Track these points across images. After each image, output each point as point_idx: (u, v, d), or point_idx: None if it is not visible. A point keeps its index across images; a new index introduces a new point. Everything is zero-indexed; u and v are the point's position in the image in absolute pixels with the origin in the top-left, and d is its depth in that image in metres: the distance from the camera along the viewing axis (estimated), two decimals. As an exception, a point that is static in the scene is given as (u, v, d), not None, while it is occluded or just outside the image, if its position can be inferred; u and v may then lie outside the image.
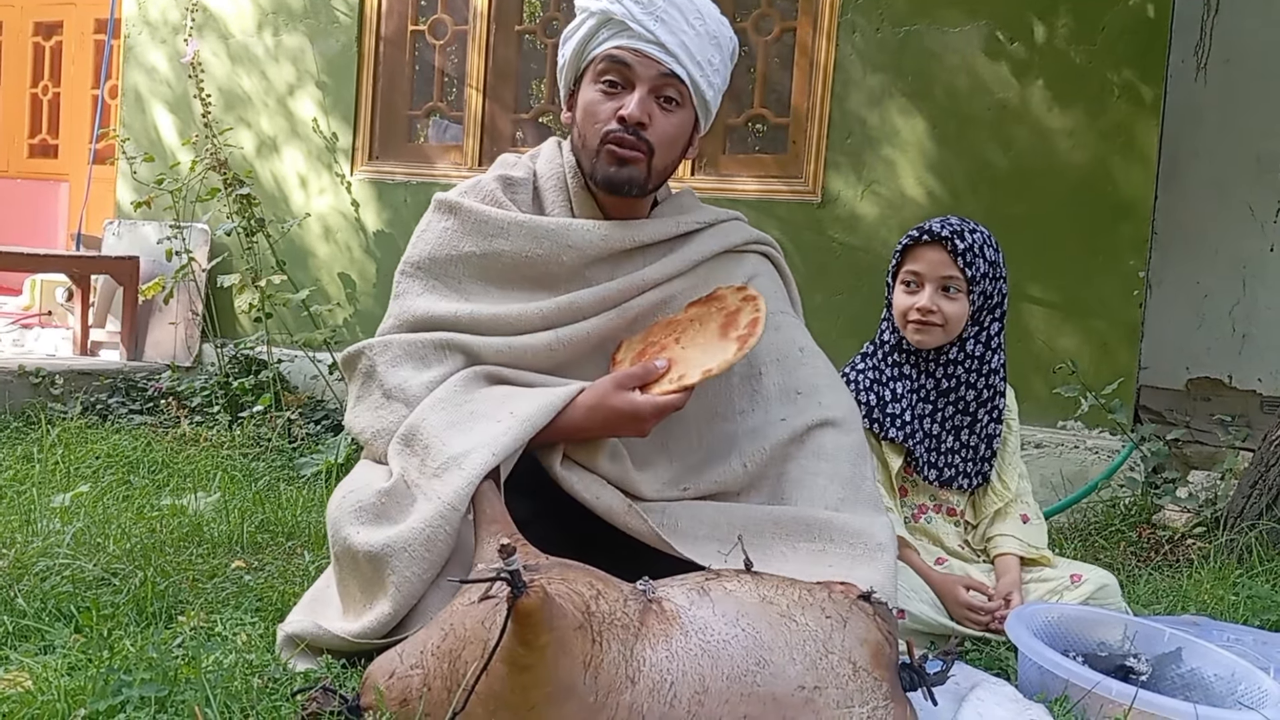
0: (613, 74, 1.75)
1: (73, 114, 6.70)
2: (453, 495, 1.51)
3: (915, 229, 2.14)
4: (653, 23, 1.72)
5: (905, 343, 2.16)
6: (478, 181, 1.87)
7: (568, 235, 1.78)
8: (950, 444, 2.17)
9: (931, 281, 2.10)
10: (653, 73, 1.74)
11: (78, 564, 1.96)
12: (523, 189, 1.86)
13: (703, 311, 1.73)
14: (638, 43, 1.73)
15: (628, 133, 1.73)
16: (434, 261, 1.81)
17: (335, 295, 4.70)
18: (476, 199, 1.83)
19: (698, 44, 1.75)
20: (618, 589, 1.30)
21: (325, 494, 2.89)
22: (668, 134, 1.76)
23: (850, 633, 1.29)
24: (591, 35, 1.77)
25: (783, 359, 1.81)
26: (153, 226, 4.88)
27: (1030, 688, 1.67)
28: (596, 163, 1.76)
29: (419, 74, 4.80)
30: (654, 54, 1.73)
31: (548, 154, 1.90)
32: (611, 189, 1.77)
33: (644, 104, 1.73)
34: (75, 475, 2.90)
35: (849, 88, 3.90)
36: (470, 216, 1.80)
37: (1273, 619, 2.28)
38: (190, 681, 1.37)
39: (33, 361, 4.28)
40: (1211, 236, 4.00)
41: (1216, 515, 3.01)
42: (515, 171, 1.88)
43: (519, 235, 1.78)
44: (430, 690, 1.27)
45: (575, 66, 1.81)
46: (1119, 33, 3.56)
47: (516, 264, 1.78)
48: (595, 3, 1.76)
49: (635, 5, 1.73)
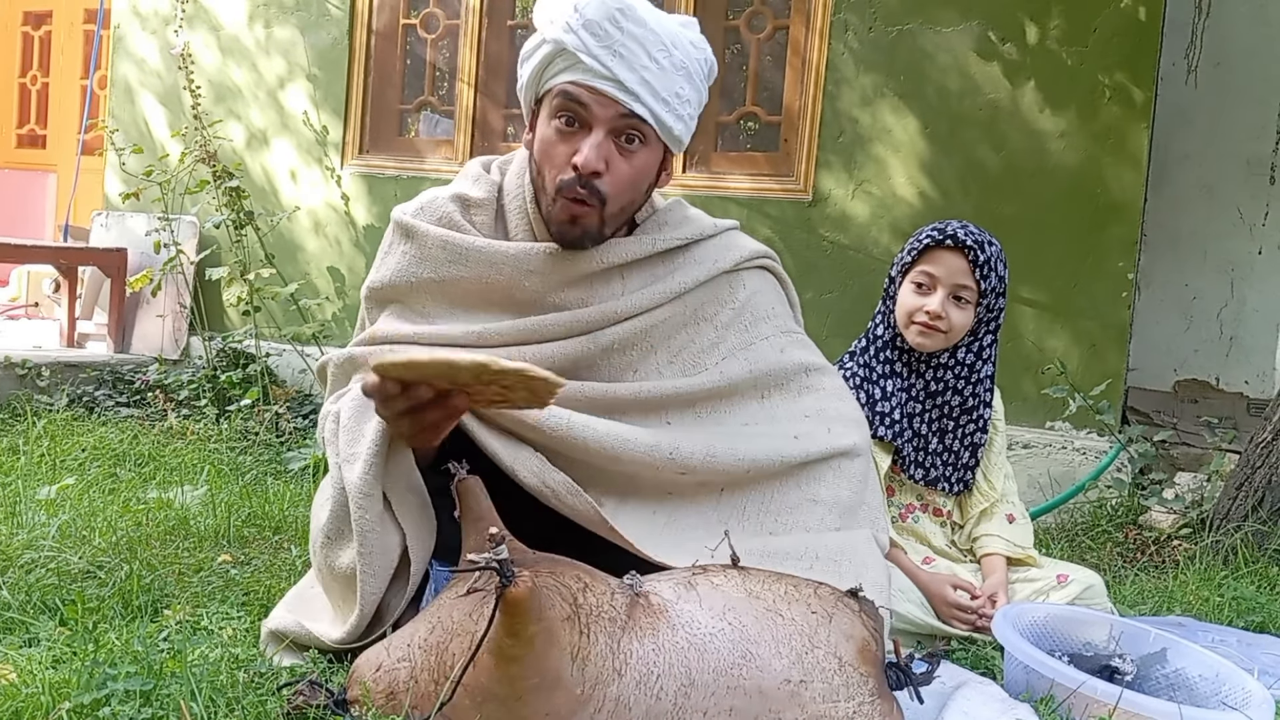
0: (569, 111, 1.61)
1: (61, 104, 6.66)
2: (355, 489, 1.52)
3: (935, 230, 2.09)
4: (610, 58, 1.58)
5: (900, 340, 2.15)
6: (434, 198, 1.75)
7: (529, 261, 1.66)
8: (935, 446, 2.17)
9: (945, 287, 2.07)
10: (610, 113, 1.60)
11: (63, 557, 1.95)
12: (483, 210, 1.74)
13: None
14: (594, 80, 1.58)
15: (580, 185, 1.60)
16: (394, 288, 1.73)
17: (324, 289, 4.69)
18: (431, 220, 1.72)
19: (662, 79, 1.61)
20: (605, 582, 1.30)
21: (312, 489, 2.88)
22: (626, 178, 1.63)
23: (836, 628, 1.29)
24: (547, 64, 1.64)
25: (788, 382, 1.74)
26: (141, 218, 4.86)
27: (1016, 687, 1.68)
28: (552, 210, 1.65)
29: (410, 68, 4.79)
30: (611, 92, 1.58)
31: (518, 168, 1.77)
32: (565, 243, 1.65)
33: (600, 149, 1.59)
34: (61, 468, 2.89)
35: (841, 86, 3.91)
36: (426, 241, 1.70)
37: (1257, 620, 2.29)
38: (175, 675, 1.37)
39: (19, 353, 4.25)
40: (1200, 239, 4.02)
41: (1203, 517, 3.02)
42: (475, 191, 1.75)
43: (477, 262, 1.67)
44: (417, 683, 1.27)
45: (533, 92, 1.69)
46: (1110, 35, 3.57)
47: (478, 289, 1.69)
48: (549, 30, 1.62)
49: (591, 38, 1.58)
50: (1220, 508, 2.97)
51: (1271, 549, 2.77)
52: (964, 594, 2.02)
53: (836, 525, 1.63)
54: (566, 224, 1.63)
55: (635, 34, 1.60)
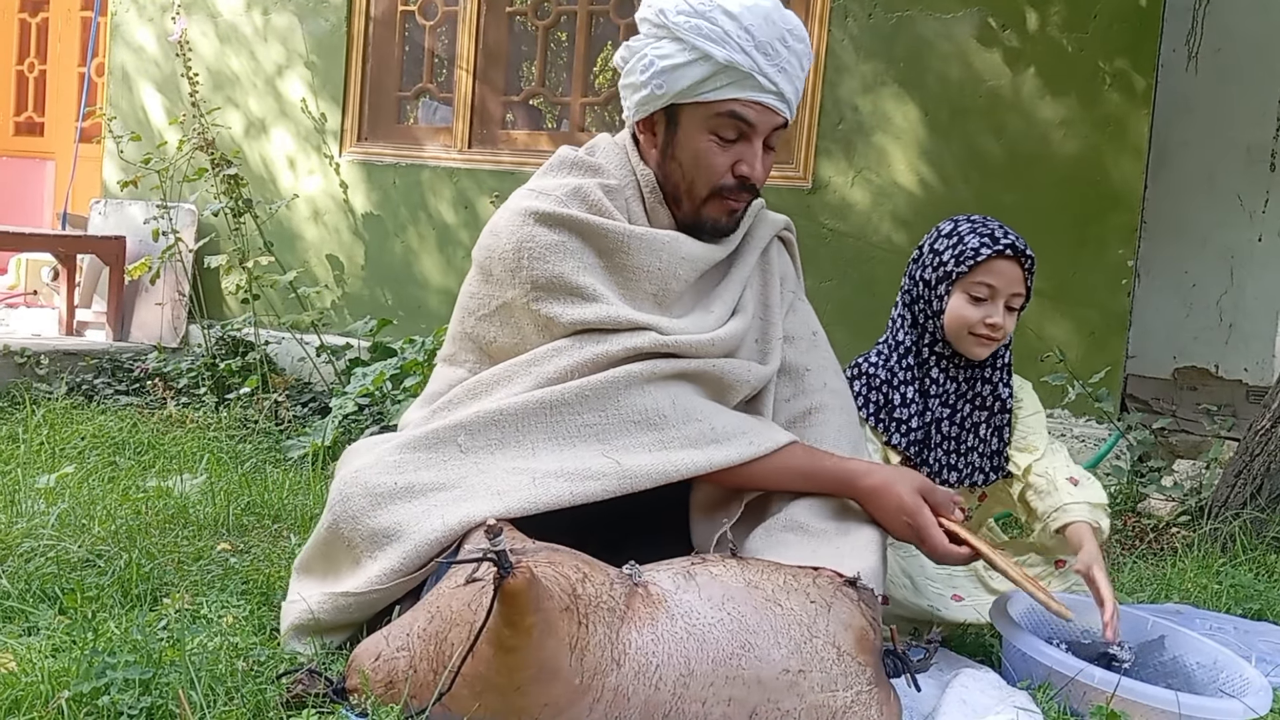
0: (732, 128, 1.72)
1: (59, 92, 6.63)
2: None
3: (988, 238, 2.01)
4: (777, 74, 1.69)
5: (934, 348, 2.08)
6: (578, 188, 1.73)
7: (679, 247, 1.74)
8: (970, 442, 2.13)
9: (1004, 296, 2.03)
10: (770, 124, 1.74)
11: (62, 545, 1.95)
12: (618, 197, 1.76)
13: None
14: (760, 95, 1.70)
15: (743, 189, 1.75)
16: (562, 278, 1.66)
17: (323, 277, 4.68)
18: (583, 209, 1.70)
19: (803, 80, 1.76)
20: (604, 573, 1.30)
21: (312, 476, 2.89)
22: (767, 172, 1.80)
23: (835, 617, 1.29)
24: (706, 78, 1.68)
25: (797, 339, 1.87)
26: (139, 206, 4.85)
27: (1014, 675, 1.68)
28: (703, 209, 1.76)
29: (409, 55, 4.77)
30: (774, 105, 1.71)
31: (616, 160, 1.80)
32: (718, 234, 1.79)
33: (766, 162, 1.76)
34: (60, 456, 2.89)
35: (841, 74, 3.89)
36: (585, 229, 1.68)
37: (1255, 608, 2.29)
38: (175, 664, 1.37)
39: (18, 341, 4.25)
40: (1200, 226, 4.01)
41: (1201, 504, 3.02)
42: (610, 179, 1.77)
43: (639, 249, 1.70)
44: (416, 672, 1.27)
45: (672, 98, 1.71)
46: (1111, 21, 3.56)
47: (639, 279, 1.71)
48: (717, 50, 1.66)
49: (763, 58, 1.68)
50: (1219, 495, 2.97)
51: (1270, 536, 2.77)
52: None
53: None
54: (724, 218, 1.77)
55: (797, 50, 1.73)
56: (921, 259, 2.10)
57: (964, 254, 2.02)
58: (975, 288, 2.03)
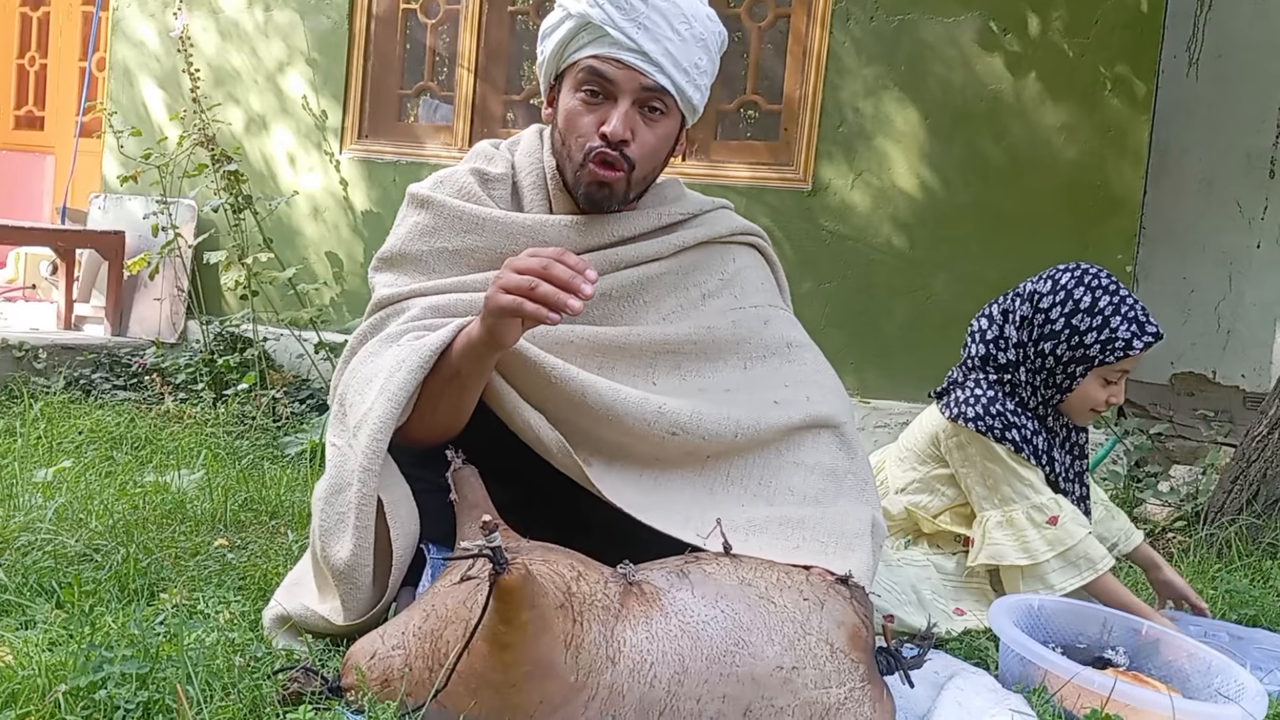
0: (593, 84, 1.66)
1: (60, 86, 6.63)
2: (364, 457, 1.50)
3: (1137, 329, 1.96)
4: (635, 30, 1.63)
5: (1038, 410, 2.07)
6: (452, 173, 1.79)
7: (543, 232, 1.71)
8: (1080, 492, 2.13)
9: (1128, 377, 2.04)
10: (635, 84, 1.65)
11: (60, 540, 1.95)
12: (500, 185, 1.78)
13: None
14: (619, 51, 1.64)
15: (610, 148, 1.66)
16: (404, 256, 1.75)
17: (322, 274, 4.68)
18: (450, 193, 1.76)
19: (683, 50, 1.66)
20: (598, 571, 1.30)
21: (310, 473, 2.89)
22: (650, 146, 1.70)
23: (828, 615, 1.29)
24: (571, 38, 1.68)
25: (770, 355, 1.78)
26: (139, 201, 4.85)
27: (1010, 678, 1.68)
28: (579, 176, 1.70)
29: (410, 53, 4.77)
30: (636, 64, 1.64)
31: (528, 146, 1.82)
32: (592, 206, 1.72)
33: (627, 119, 1.65)
34: (58, 450, 2.89)
35: (842, 76, 3.90)
36: (443, 211, 1.74)
37: (1250, 613, 2.29)
38: (171, 659, 1.37)
39: (16, 335, 4.25)
40: (1199, 232, 4.02)
41: (1197, 510, 3.03)
42: (492, 167, 1.80)
43: (493, 232, 1.72)
44: (412, 670, 1.27)
45: (554, 66, 1.73)
46: (1112, 27, 3.56)
47: (491, 260, 1.72)
48: (574, 4, 1.66)
49: (616, 11, 1.63)
50: (1215, 501, 2.98)
51: (1265, 542, 2.77)
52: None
53: (821, 487, 1.65)
54: (595, 187, 1.69)
55: (658, 7, 1.65)
56: (1051, 328, 2.01)
57: (1114, 346, 1.96)
58: (1113, 374, 2.00)
